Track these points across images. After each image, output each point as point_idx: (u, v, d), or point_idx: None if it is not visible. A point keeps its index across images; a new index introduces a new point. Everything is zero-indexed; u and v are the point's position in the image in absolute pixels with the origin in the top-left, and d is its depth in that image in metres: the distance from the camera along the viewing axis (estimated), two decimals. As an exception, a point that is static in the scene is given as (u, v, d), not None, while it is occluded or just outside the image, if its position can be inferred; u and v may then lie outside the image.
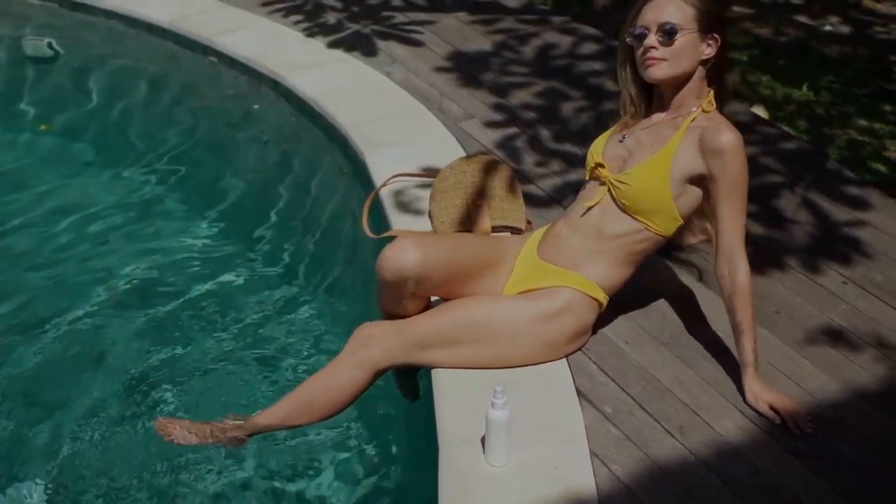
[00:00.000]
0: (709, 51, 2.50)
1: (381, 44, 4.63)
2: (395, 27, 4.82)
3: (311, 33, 4.74)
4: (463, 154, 3.55)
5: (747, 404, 2.47)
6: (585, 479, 2.27)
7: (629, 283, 2.66)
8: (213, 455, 2.73)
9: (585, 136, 3.73)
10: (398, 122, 3.86)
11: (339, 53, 4.52)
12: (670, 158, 2.49)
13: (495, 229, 3.10)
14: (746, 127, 3.94)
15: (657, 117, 2.61)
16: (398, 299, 2.59)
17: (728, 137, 2.43)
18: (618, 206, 2.57)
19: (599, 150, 2.67)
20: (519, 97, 4.14)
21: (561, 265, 2.60)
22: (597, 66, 4.45)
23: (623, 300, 2.82)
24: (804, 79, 4.99)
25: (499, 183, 3.20)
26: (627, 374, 2.60)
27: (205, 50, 4.74)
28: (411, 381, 2.77)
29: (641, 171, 2.53)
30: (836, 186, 3.49)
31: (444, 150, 3.60)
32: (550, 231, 2.70)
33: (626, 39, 2.54)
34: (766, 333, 2.75)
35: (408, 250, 2.49)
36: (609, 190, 2.58)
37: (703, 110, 2.53)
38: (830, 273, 3.02)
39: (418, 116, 3.92)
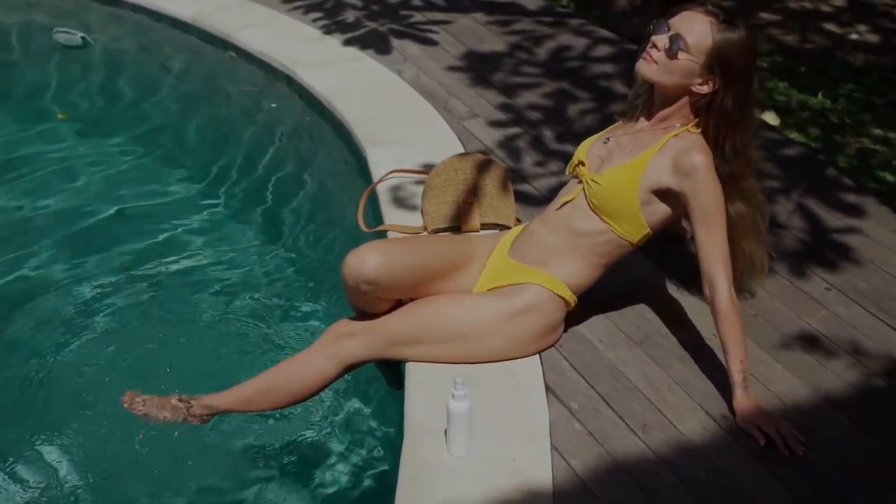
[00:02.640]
0: (702, 88, 2.48)
1: (395, 42, 4.69)
2: (412, 26, 4.88)
3: (328, 31, 4.81)
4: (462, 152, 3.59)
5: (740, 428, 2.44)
6: (543, 473, 2.31)
7: (597, 283, 2.69)
8: (178, 433, 2.77)
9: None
10: (402, 119, 3.92)
11: (353, 51, 4.58)
12: (644, 167, 2.53)
13: (485, 226, 3.15)
14: (749, 132, 3.95)
15: (642, 124, 2.63)
16: (365, 302, 2.65)
17: (697, 159, 2.45)
18: (588, 204, 2.60)
19: (585, 149, 2.71)
20: (526, 98, 4.17)
21: (529, 263, 2.64)
22: (608, 68, 4.47)
23: (601, 300, 2.86)
24: (823, 86, 4.96)
25: (490, 181, 3.24)
26: (598, 372, 2.64)
27: (224, 45, 4.83)
28: (395, 370, 2.82)
29: (615, 173, 2.56)
30: (833, 193, 3.48)
31: (445, 148, 3.64)
32: (524, 230, 2.74)
33: (650, 27, 2.54)
34: (741, 336, 2.76)
35: (368, 257, 2.55)
36: (584, 188, 2.61)
37: (689, 130, 2.54)
38: (815, 279, 3.03)
39: (423, 115, 3.98)
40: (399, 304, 2.71)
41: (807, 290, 2.97)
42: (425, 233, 3.17)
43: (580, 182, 2.65)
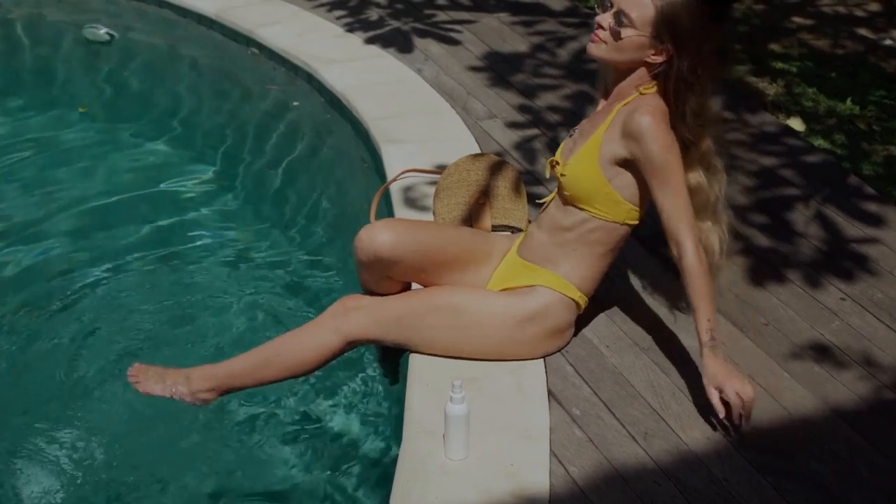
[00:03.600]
0: (657, 58, 2.41)
1: (417, 41, 4.67)
2: (435, 25, 4.86)
3: (351, 28, 4.80)
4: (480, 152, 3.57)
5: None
6: (540, 479, 2.28)
7: (604, 276, 2.64)
8: (184, 412, 2.77)
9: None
10: (419, 118, 3.90)
11: (375, 49, 4.57)
12: (598, 145, 2.48)
13: (496, 228, 3.11)
14: (771, 138, 3.90)
15: (601, 104, 2.60)
16: (374, 280, 2.63)
17: (642, 120, 2.37)
18: (562, 198, 2.57)
19: (560, 148, 2.68)
20: (546, 99, 4.14)
21: (536, 262, 2.61)
22: (630, 71, 4.42)
23: (609, 304, 2.84)
24: (853, 93, 4.87)
25: (503, 183, 3.21)
26: (602, 378, 2.60)
27: (247, 41, 4.84)
28: (394, 365, 2.80)
29: (576, 160, 2.53)
30: (853, 202, 3.42)
31: (461, 148, 3.62)
32: (526, 231, 2.73)
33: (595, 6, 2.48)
34: (751, 345, 2.72)
35: (380, 232, 2.54)
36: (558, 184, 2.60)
37: (640, 93, 2.46)
38: (830, 289, 2.97)
39: (440, 114, 3.96)
40: (408, 287, 2.69)
41: (822, 300, 2.91)
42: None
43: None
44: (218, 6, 5.05)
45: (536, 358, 2.63)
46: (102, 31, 5.43)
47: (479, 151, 3.59)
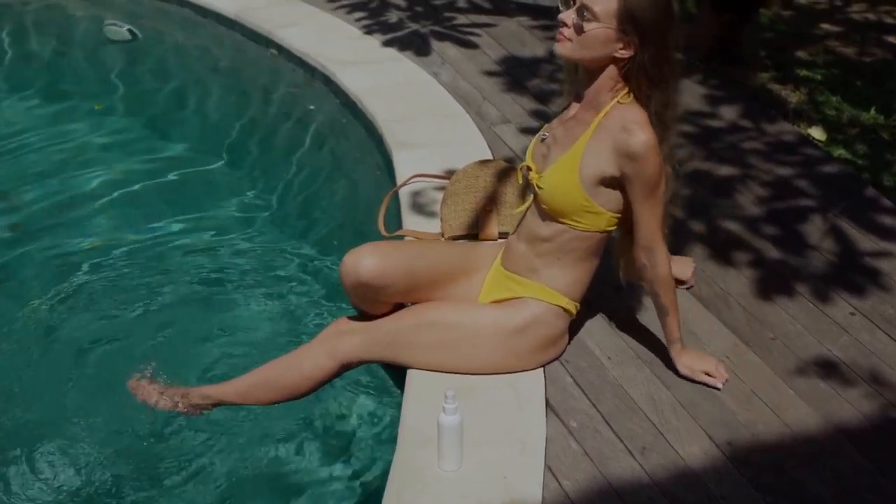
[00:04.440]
0: (625, 52, 2.32)
1: (435, 44, 4.65)
2: (454, 28, 4.84)
3: (369, 30, 4.79)
4: (489, 158, 3.54)
5: (682, 377, 2.57)
6: (533, 492, 2.25)
7: (592, 277, 2.59)
8: (180, 424, 2.78)
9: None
10: (432, 122, 3.88)
11: (392, 52, 4.56)
12: (578, 159, 2.40)
13: (502, 235, 3.09)
14: (788, 148, 3.84)
15: (574, 108, 2.50)
16: (363, 303, 2.64)
17: (641, 140, 2.31)
18: (539, 209, 2.52)
19: (531, 151, 2.61)
20: (561, 105, 4.09)
21: (520, 273, 2.58)
22: (649, 77, 4.37)
23: (614, 316, 2.80)
24: (877, 101, 4.79)
25: (511, 189, 3.18)
26: (602, 390, 2.56)
27: (267, 42, 4.84)
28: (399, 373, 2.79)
29: (553, 173, 2.46)
30: (870, 214, 3.36)
31: (472, 152, 3.59)
32: (508, 240, 2.68)
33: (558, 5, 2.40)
34: (756, 360, 2.68)
35: (363, 258, 2.54)
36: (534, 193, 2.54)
37: (619, 102, 2.39)
38: (840, 303, 2.91)
39: (454, 118, 3.93)
40: (400, 307, 2.67)
41: (831, 315, 2.86)
42: (442, 239, 3.13)
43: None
44: (238, 6, 5.06)
45: (533, 369, 2.60)
46: (124, 29, 5.46)
47: (490, 156, 3.57)
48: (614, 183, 2.41)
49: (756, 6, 5.14)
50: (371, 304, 2.62)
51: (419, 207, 3.33)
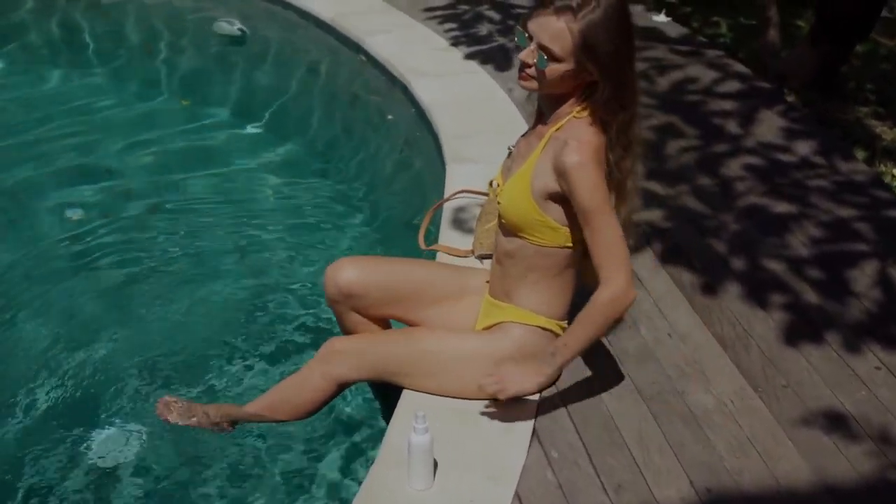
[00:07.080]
0: (587, 79, 2.29)
1: (516, 60, 4.64)
2: (540, 45, 4.82)
3: (456, 42, 4.84)
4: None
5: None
6: (496, 520, 2.24)
7: (570, 294, 2.55)
8: (205, 440, 2.89)
9: (677, 178, 3.63)
10: (492, 137, 3.88)
11: (472, 65, 4.59)
12: (530, 173, 2.38)
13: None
14: (858, 188, 3.69)
15: (538, 124, 2.48)
16: (345, 318, 2.71)
17: (572, 159, 2.25)
18: (500, 225, 2.52)
19: (501, 164, 2.60)
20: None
21: (499, 297, 2.59)
22: (728, 105, 4.28)
23: (623, 350, 2.76)
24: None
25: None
26: (591, 422, 2.53)
27: (357, 48, 4.95)
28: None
29: (509, 187, 2.44)
30: (925, 265, 3.20)
31: (524, 171, 3.59)
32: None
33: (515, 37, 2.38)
34: (760, 406, 2.60)
35: (343, 269, 2.65)
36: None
37: (574, 117, 2.34)
38: (867, 356, 2.79)
39: (516, 134, 3.89)
40: (387, 325, 2.70)
41: (853, 367, 2.75)
42: (472, 256, 3.15)
43: None
44: (335, 11, 5.19)
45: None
46: (235, 27, 5.66)
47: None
48: (558, 198, 2.37)
49: (857, 40, 4.95)
50: (352, 319, 2.70)
51: (459, 223, 3.35)
